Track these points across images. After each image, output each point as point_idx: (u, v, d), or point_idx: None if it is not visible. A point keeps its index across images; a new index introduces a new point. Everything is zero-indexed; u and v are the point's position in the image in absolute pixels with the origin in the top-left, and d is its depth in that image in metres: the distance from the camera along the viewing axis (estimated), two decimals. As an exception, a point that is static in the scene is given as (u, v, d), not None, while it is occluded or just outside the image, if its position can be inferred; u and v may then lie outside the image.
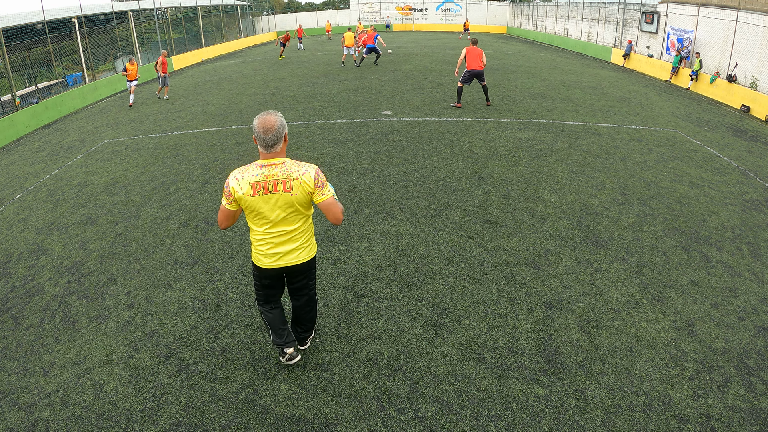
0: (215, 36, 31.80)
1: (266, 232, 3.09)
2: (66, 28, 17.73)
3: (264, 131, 2.85)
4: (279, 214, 3.01)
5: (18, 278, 5.26)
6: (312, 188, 2.99)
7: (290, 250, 3.17)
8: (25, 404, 3.53)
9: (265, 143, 2.89)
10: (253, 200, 2.94)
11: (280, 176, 2.92)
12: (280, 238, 3.12)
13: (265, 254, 3.16)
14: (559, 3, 31.20)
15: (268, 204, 2.97)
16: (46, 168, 8.99)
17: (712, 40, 16.13)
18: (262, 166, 2.94)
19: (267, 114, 2.89)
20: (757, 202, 6.93)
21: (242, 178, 2.92)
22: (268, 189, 2.92)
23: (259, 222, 3.05)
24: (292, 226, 3.10)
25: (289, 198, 2.96)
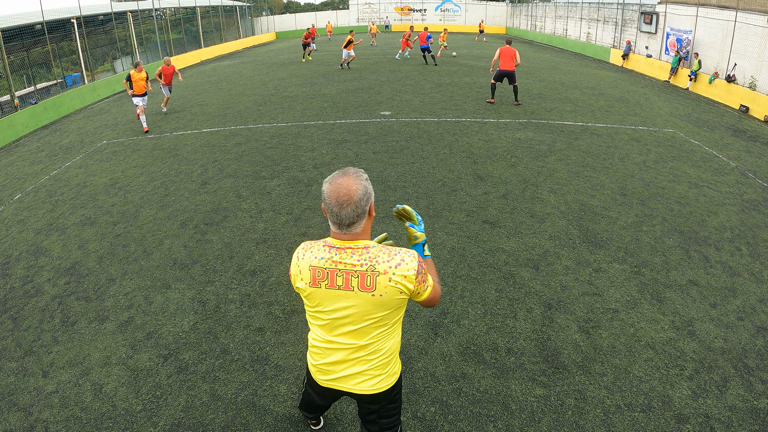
0: (214, 36, 31.79)
1: (323, 338, 2.11)
2: (65, 29, 17.71)
3: (339, 204, 1.88)
4: (347, 320, 2.01)
5: (17, 279, 5.25)
6: (411, 288, 1.96)
7: (354, 374, 2.12)
8: (24, 405, 3.52)
9: (340, 221, 1.92)
10: (312, 292, 2.01)
11: (356, 266, 1.94)
12: (341, 353, 2.09)
13: (319, 367, 2.19)
14: (558, 3, 31.21)
15: (333, 302, 2.00)
16: (45, 168, 8.98)
17: (710, 41, 16.15)
18: (331, 247, 1.98)
19: (344, 176, 1.91)
20: (756, 202, 6.94)
21: (303, 259, 2.02)
22: (336, 283, 1.96)
23: (318, 323, 2.10)
24: (362, 339, 2.04)
25: (370, 300, 1.95)
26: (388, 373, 2.15)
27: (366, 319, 1.99)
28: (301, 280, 2.02)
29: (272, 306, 4.49)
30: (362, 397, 2.19)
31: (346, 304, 1.97)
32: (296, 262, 2.04)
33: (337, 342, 2.07)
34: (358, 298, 1.95)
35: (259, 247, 5.50)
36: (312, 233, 5.75)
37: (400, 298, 1.96)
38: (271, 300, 4.57)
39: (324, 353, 2.13)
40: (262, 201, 6.68)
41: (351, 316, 1.99)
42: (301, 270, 2.01)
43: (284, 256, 5.31)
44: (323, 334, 2.09)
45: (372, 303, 1.96)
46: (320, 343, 2.13)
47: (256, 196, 6.86)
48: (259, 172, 7.77)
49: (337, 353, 2.10)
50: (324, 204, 1.94)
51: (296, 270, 2.04)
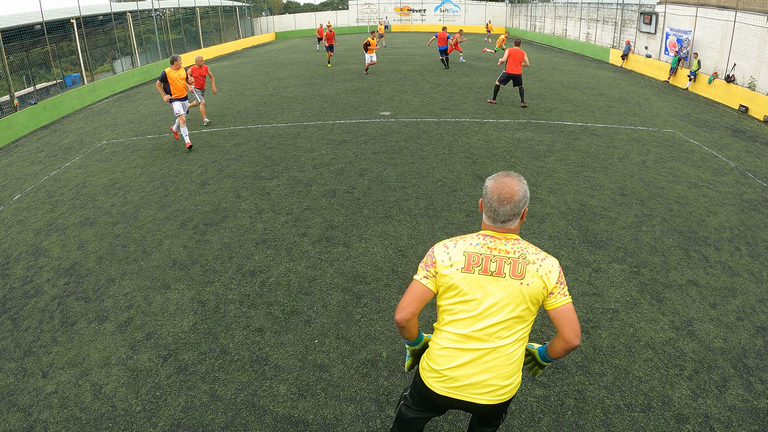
0: (214, 37, 31.79)
1: (458, 335, 2.07)
2: (64, 29, 17.71)
3: (499, 201, 2.01)
4: (492, 311, 2.02)
5: (16, 279, 5.25)
6: (552, 284, 2.02)
7: (482, 381, 2.07)
8: (23, 405, 3.52)
9: (496, 216, 2.04)
10: (463, 278, 2.02)
11: (510, 253, 2.03)
12: (474, 354, 2.05)
13: (442, 373, 2.11)
14: (558, 4, 31.23)
15: (484, 290, 2.01)
16: (45, 169, 8.98)
17: (710, 41, 16.17)
18: (485, 236, 2.07)
19: (507, 176, 2.04)
20: (756, 202, 6.94)
21: (454, 247, 2.06)
22: (489, 269, 2.01)
23: (457, 317, 2.07)
24: (501, 338, 2.04)
25: (518, 288, 2.00)
26: (513, 384, 2.11)
27: (510, 311, 2.01)
28: (451, 266, 2.03)
29: (272, 306, 4.49)
30: (490, 408, 2.15)
31: (495, 291, 2.01)
32: (445, 251, 2.07)
33: (474, 338, 2.04)
34: (508, 285, 2.00)
35: (258, 248, 5.50)
36: (312, 233, 5.76)
37: (542, 292, 2.01)
38: (271, 300, 4.57)
39: (453, 355, 2.08)
40: (262, 201, 6.68)
41: (497, 305, 2.01)
42: (451, 256, 2.04)
43: (284, 256, 5.31)
44: (460, 329, 2.06)
45: (519, 292, 2.00)
46: (452, 342, 2.08)
47: (256, 196, 6.86)
48: (259, 172, 7.77)
49: (469, 353, 2.06)
50: (484, 198, 2.06)
51: (445, 257, 2.05)
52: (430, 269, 2.07)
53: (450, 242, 2.10)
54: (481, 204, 2.11)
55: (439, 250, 2.08)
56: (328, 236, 5.70)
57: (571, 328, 2.01)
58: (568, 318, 2.01)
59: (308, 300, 4.56)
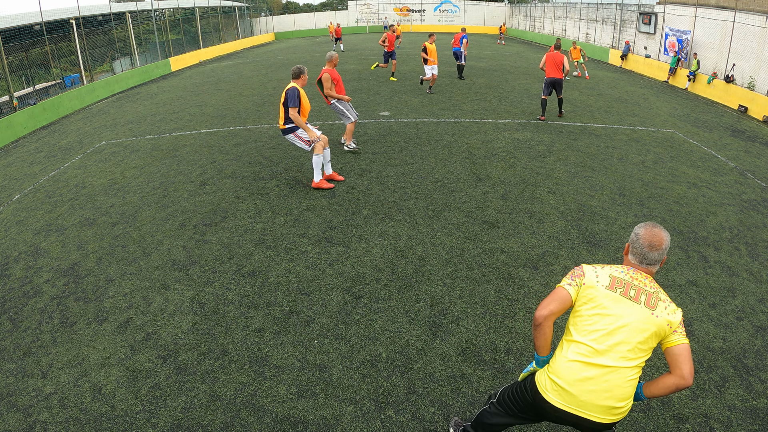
0: (213, 37, 31.79)
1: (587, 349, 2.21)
2: (64, 29, 17.71)
3: (651, 247, 2.28)
4: (623, 331, 2.18)
5: (16, 280, 5.25)
6: (676, 323, 2.21)
7: (603, 399, 2.18)
8: (23, 406, 3.52)
9: (644, 259, 2.31)
10: (605, 294, 2.24)
11: (647, 288, 2.26)
12: (598, 370, 2.18)
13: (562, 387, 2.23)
14: (557, 4, 31.25)
15: (620, 307, 2.22)
16: (44, 169, 8.98)
17: (709, 41, 16.18)
18: (629, 268, 2.32)
19: (656, 227, 2.31)
20: (755, 202, 6.95)
21: (602, 270, 2.32)
22: (629, 294, 2.23)
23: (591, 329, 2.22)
24: (627, 361, 2.17)
25: (649, 317, 2.19)
26: (626, 407, 2.23)
27: (638, 335, 2.17)
28: (597, 282, 2.27)
29: (271, 307, 4.49)
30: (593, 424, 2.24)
31: (630, 312, 2.19)
32: (593, 270, 2.32)
33: (602, 352, 2.18)
34: (642, 312, 2.19)
35: (258, 248, 5.50)
36: (311, 234, 5.75)
37: (666, 329, 2.19)
38: (270, 301, 4.57)
39: (578, 368, 2.21)
40: (261, 201, 6.68)
41: (629, 326, 2.18)
42: (598, 275, 2.29)
43: (283, 256, 5.31)
44: (592, 342, 2.20)
45: (649, 320, 2.18)
46: (580, 355, 2.22)
47: (255, 196, 6.86)
48: (258, 172, 7.77)
49: (594, 369, 2.18)
50: (633, 243, 2.33)
51: (593, 274, 2.30)
52: (576, 279, 2.32)
53: (598, 266, 2.35)
54: (627, 247, 2.38)
55: (589, 268, 2.34)
56: (328, 236, 5.70)
57: (688, 366, 2.15)
58: (685, 356, 2.17)
59: (308, 300, 4.56)
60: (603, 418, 2.20)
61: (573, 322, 2.30)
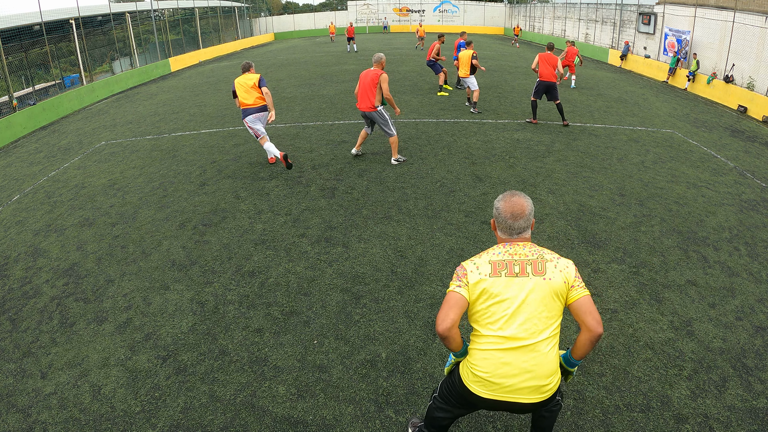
0: (213, 37, 31.79)
1: (499, 338, 2.19)
2: (63, 30, 17.71)
3: (513, 217, 2.27)
4: (525, 309, 2.18)
5: (15, 280, 5.24)
6: (572, 278, 2.22)
7: (527, 380, 2.19)
8: (22, 406, 3.52)
9: (512, 230, 2.30)
10: (492, 282, 2.20)
11: (530, 256, 2.24)
12: (516, 354, 2.18)
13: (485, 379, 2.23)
14: (557, 4, 31.27)
15: (511, 288, 2.19)
16: (44, 170, 8.97)
17: (708, 41, 16.19)
18: (505, 245, 2.30)
19: (514, 196, 2.31)
20: (755, 202, 6.95)
21: (479, 259, 2.28)
22: (514, 271, 2.20)
23: (493, 319, 2.20)
24: (538, 335, 2.17)
25: (542, 285, 2.18)
26: (552, 382, 2.23)
27: (539, 305, 2.17)
28: (480, 274, 2.21)
29: (271, 307, 4.48)
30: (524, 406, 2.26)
31: (522, 288, 2.18)
32: (471, 266, 2.26)
33: (512, 337, 2.17)
34: (533, 282, 2.18)
35: (257, 248, 5.50)
36: (311, 234, 5.75)
37: (563, 286, 2.20)
38: (270, 301, 4.57)
39: (495, 358, 2.20)
40: (261, 202, 6.68)
41: (527, 302, 2.17)
42: (479, 266, 2.24)
43: (283, 256, 5.31)
44: (498, 331, 2.19)
45: (544, 288, 2.18)
46: (491, 345, 2.20)
47: (255, 197, 6.86)
48: (258, 173, 7.77)
49: (509, 354, 2.18)
50: (497, 218, 2.32)
51: (473, 268, 2.24)
52: (463, 279, 2.24)
53: (475, 257, 2.31)
54: (493, 223, 2.37)
55: (469, 264, 2.28)
56: (327, 237, 5.70)
57: (593, 317, 2.16)
58: (588, 308, 2.17)
59: (307, 301, 4.56)
60: (532, 398, 2.22)
61: (474, 320, 2.27)
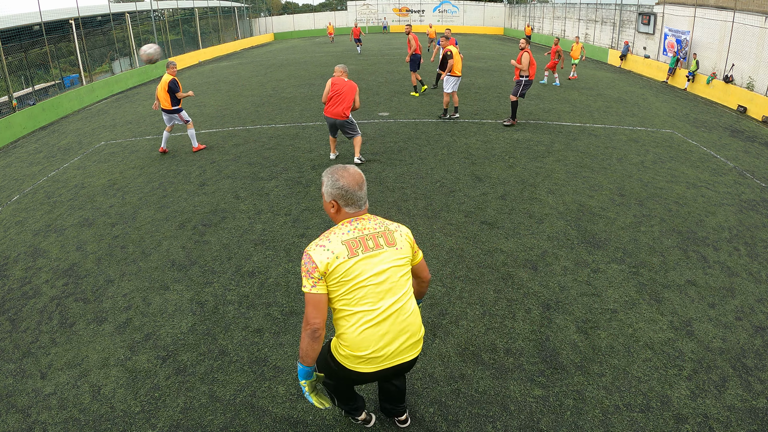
0: (212, 37, 31.78)
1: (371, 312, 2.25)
2: (63, 30, 17.69)
3: (359, 186, 2.26)
4: (387, 280, 2.25)
5: (15, 280, 5.24)
6: (414, 243, 2.39)
7: (405, 341, 2.33)
8: (22, 407, 3.52)
9: (360, 200, 2.28)
10: (352, 263, 2.19)
11: (377, 227, 2.29)
12: (388, 324, 2.27)
13: (374, 351, 2.29)
14: (556, 4, 31.28)
15: (370, 264, 2.23)
16: (43, 170, 8.97)
17: (708, 41, 16.19)
18: (351, 222, 2.28)
19: (346, 169, 2.30)
20: (754, 202, 6.95)
21: (329, 242, 2.21)
22: (369, 246, 2.23)
23: (358, 297, 2.23)
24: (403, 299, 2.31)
25: (396, 254, 2.28)
26: (422, 333, 2.45)
27: (397, 272, 2.29)
28: (337, 258, 2.18)
29: (271, 307, 4.48)
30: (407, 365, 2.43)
31: (381, 261, 2.25)
32: (323, 251, 2.20)
33: (382, 309, 2.25)
34: (389, 254, 2.28)
35: (257, 248, 5.50)
36: (310, 234, 5.75)
37: (410, 249, 2.37)
38: (270, 301, 4.57)
39: (372, 334, 2.26)
40: (261, 202, 6.68)
41: (387, 272, 2.26)
42: (333, 250, 2.19)
43: (282, 257, 5.31)
44: (369, 307, 2.24)
45: (399, 256, 2.30)
46: (366, 324, 2.25)
47: (255, 197, 6.86)
48: (258, 173, 7.77)
49: (384, 325, 2.27)
50: (342, 192, 2.25)
51: (327, 255, 2.18)
52: (315, 275, 2.19)
53: (323, 241, 2.24)
54: (333, 203, 2.29)
55: (317, 253, 2.20)
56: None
57: (427, 270, 2.58)
58: (424, 265, 2.55)
59: (307, 301, 4.55)
60: (413, 354, 2.40)
61: (341, 302, 2.25)
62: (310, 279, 2.19)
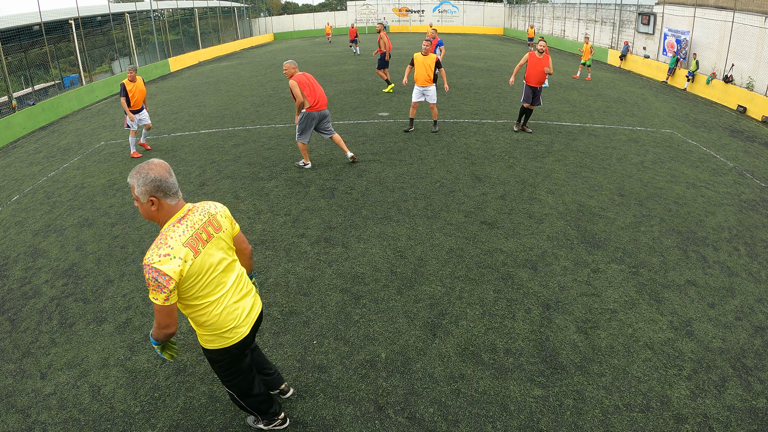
0: (212, 38, 31.78)
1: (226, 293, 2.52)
2: (63, 30, 17.69)
3: (169, 173, 2.30)
4: (225, 258, 2.50)
5: (15, 280, 5.24)
6: (232, 218, 2.61)
7: (253, 300, 2.72)
8: (22, 407, 3.52)
9: (174, 187, 2.31)
10: (198, 262, 2.32)
11: (203, 218, 2.41)
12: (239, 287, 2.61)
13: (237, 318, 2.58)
14: (556, 4, 31.28)
15: (215, 257, 2.43)
16: (43, 170, 8.97)
17: (708, 41, 16.19)
18: (180, 220, 2.33)
19: (150, 161, 2.32)
20: (754, 202, 6.96)
21: (172, 249, 2.23)
22: (204, 239, 2.36)
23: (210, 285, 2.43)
24: (236, 270, 2.61)
25: (224, 236, 2.49)
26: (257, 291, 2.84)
27: (230, 251, 2.56)
28: (186, 262, 2.25)
29: (270, 307, 4.48)
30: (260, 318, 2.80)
31: (218, 248, 2.45)
32: (170, 260, 2.21)
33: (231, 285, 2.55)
34: (219, 239, 2.47)
35: (257, 249, 5.50)
36: (310, 234, 5.75)
37: (231, 227, 2.59)
38: (270, 301, 4.57)
39: (231, 308, 2.55)
40: (260, 202, 6.68)
41: (223, 254, 2.49)
42: (180, 256, 2.24)
43: (282, 257, 5.31)
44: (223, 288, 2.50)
45: (225, 237, 2.52)
46: (223, 303, 2.50)
47: (254, 197, 6.86)
48: (257, 173, 7.77)
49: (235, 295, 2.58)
50: (157, 184, 2.25)
51: (176, 263, 2.22)
52: (168, 287, 2.21)
53: (163, 249, 2.22)
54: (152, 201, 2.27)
55: (166, 266, 2.20)
56: (327, 237, 5.70)
57: (247, 242, 2.79)
58: (243, 236, 2.75)
59: (307, 301, 4.56)
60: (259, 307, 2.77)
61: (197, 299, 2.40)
62: (163, 293, 2.20)
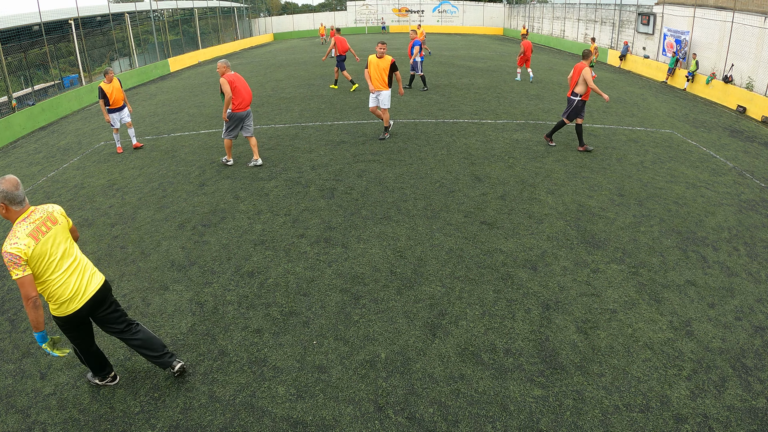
0: (212, 38, 31.78)
1: (64, 272, 3.14)
2: (63, 30, 17.69)
3: (16, 187, 2.95)
4: (64, 248, 3.17)
5: (14, 280, 5.23)
6: (65, 215, 3.29)
7: (91, 275, 3.31)
8: (22, 407, 3.51)
9: (21, 198, 2.99)
10: (40, 247, 2.99)
11: (42, 215, 3.09)
12: (76, 269, 3.23)
13: (74, 293, 3.18)
14: (556, 4, 31.29)
15: (54, 244, 3.09)
16: (43, 170, 8.96)
17: (708, 41, 16.20)
18: (25, 219, 3.01)
19: (4, 177, 2.97)
20: (754, 202, 6.96)
21: (18, 239, 2.92)
22: (43, 231, 3.04)
23: (52, 266, 3.08)
24: (74, 256, 3.26)
25: (60, 228, 3.17)
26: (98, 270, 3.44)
27: (66, 239, 3.21)
28: (29, 247, 2.93)
29: (270, 307, 4.48)
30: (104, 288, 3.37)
31: (56, 236, 3.12)
32: (17, 245, 2.90)
33: (69, 264, 3.18)
34: (56, 230, 3.14)
35: (257, 249, 5.50)
36: (310, 234, 5.75)
37: (66, 222, 3.27)
38: (269, 301, 4.57)
39: (69, 281, 3.16)
40: (260, 202, 6.68)
41: (61, 240, 3.16)
42: (25, 243, 2.92)
43: (282, 257, 5.31)
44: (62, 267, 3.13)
45: (61, 229, 3.19)
46: (64, 278, 3.13)
47: (254, 197, 6.85)
48: (257, 173, 7.76)
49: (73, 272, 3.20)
50: (5, 195, 2.92)
51: (22, 247, 2.90)
52: (21, 264, 2.91)
53: (12, 239, 2.92)
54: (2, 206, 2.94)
55: (15, 249, 2.89)
56: (327, 237, 5.70)
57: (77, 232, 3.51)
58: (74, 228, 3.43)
59: (307, 301, 4.56)
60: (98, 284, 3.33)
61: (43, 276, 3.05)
62: (19, 267, 2.89)
